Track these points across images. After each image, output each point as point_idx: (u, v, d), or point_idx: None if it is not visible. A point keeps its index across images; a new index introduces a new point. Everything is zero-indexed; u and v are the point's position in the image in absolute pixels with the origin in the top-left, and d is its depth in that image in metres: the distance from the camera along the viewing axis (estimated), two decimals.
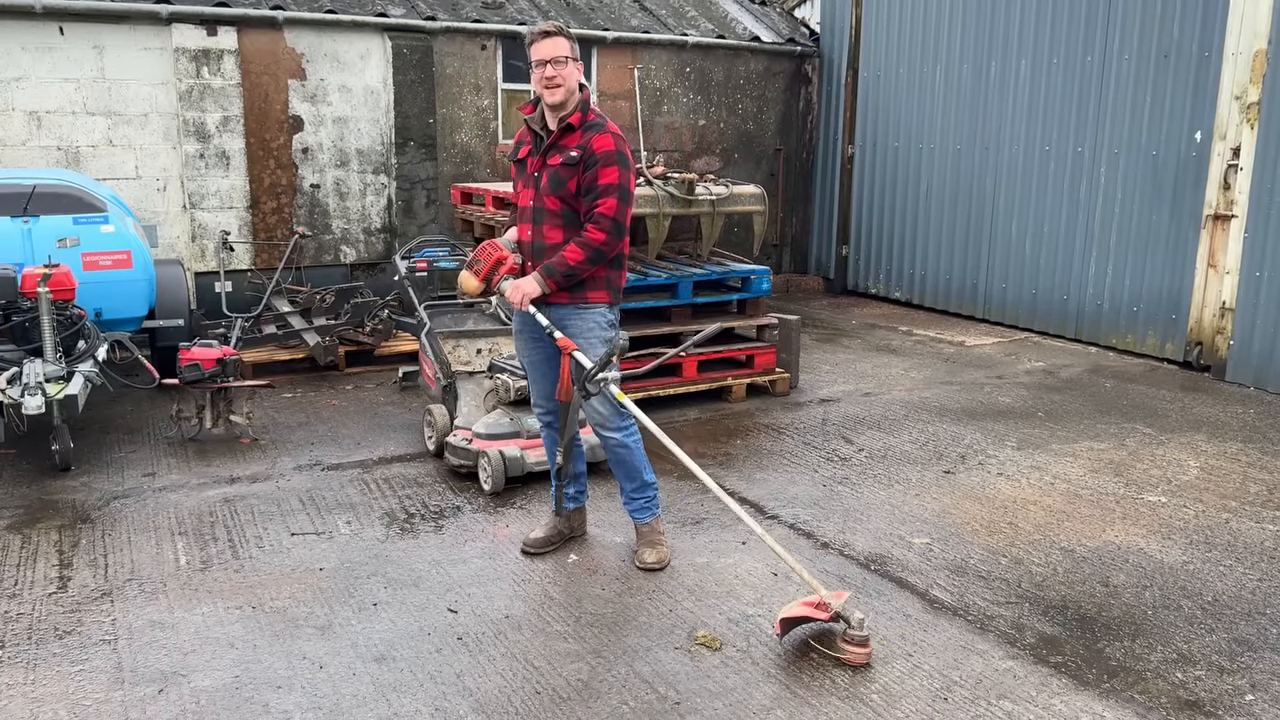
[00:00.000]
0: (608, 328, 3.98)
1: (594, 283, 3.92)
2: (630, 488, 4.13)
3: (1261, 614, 3.81)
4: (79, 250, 5.88)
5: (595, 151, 3.80)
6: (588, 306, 3.94)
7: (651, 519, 4.16)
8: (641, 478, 4.10)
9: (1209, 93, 7.35)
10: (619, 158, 3.81)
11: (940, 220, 9.71)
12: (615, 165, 3.79)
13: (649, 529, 4.15)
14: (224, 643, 3.50)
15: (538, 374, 4.15)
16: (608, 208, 3.80)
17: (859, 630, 3.36)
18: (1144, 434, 6.00)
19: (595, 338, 3.92)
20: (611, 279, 3.97)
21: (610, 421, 3.99)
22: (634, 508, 4.16)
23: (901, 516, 4.71)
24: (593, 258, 3.83)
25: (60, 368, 5.17)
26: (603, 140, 3.81)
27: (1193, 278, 7.58)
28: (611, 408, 3.95)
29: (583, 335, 3.92)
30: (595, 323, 3.94)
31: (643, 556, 4.12)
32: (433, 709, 3.12)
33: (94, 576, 4.00)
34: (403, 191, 8.85)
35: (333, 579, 4.00)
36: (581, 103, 3.87)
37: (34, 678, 3.27)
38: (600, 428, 4.03)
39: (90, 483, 5.03)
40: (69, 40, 7.61)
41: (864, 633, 3.37)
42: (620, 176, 3.81)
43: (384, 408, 6.41)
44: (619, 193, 3.80)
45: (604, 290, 3.96)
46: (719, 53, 10.38)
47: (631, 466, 4.08)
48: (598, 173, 3.79)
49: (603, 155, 3.79)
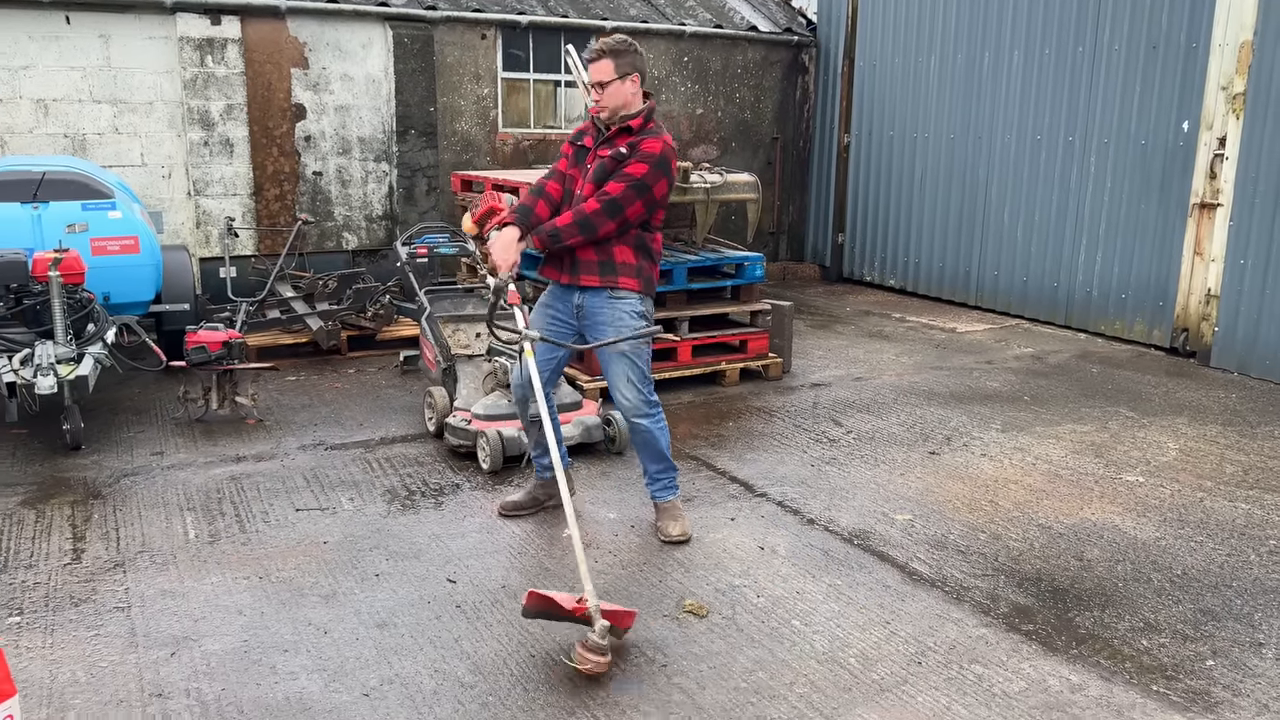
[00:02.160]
0: (636, 317, 4.07)
1: (626, 269, 4.04)
2: (655, 469, 4.32)
3: (1228, 586, 3.96)
4: (88, 235, 6.02)
5: (640, 150, 3.97)
6: (618, 294, 4.05)
7: (673, 498, 4.37)
8: (666, 459, 4.30)
9: (1196, 83, 7.48)
10: (657, 160, 3.95)
11: (934, 209, 9.84)
12: (647, 164, 3.95)
13: (670, 506, 4.36)
14: (233, 610, 3.66)
15: (542, 346, 4.26)
16: (614, 189, 3.96)
17: (599, 638, 3.21)
18: (1126, 417, 6.15)
19: (625, 327, 4.04)
20: (643, 269, 4.09)
21: (639, 409, 4.16)
22: (657, 488, 4.36)
23: (886, 494, 4.86)
24: (581, 225, 3.96)
25: (70, 349, 5.31)
26: (651, 144, 3.98)
27: (1179, 265, 7.72)
28: (641, 395, 4.13)
29: (610, 323, 4.05)
30: (624, 311, 4.05)
31: (667, 529, 4.30)
32: (432, 670, 3.28)
33: (106, 549, 4.16)
34: (404, 179, 8.99)
35: (337, 551, 4.16)
36: (646, 110, 4.06)
37: (52, 641, 3.43)
38: (630, 415, 4.18)
39: (101, 461, 5.19)
40: (75, 29, 7.74)
41: (603, 642, 3.21)
42: (647, 175, 3.95)
43: (385, 390, 6.56)
44: (635, 184, 3.94)
45: (635, 279, 4.07)
46: (716, 42, 10.50)
47: (657, 450, 4.27)
48: (628, 163, 3.97)
49: (644, 154, 3.96)
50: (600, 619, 3.24)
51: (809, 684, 3.23)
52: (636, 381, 4.12)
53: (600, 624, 3.23)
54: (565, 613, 3.30)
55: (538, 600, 3.31)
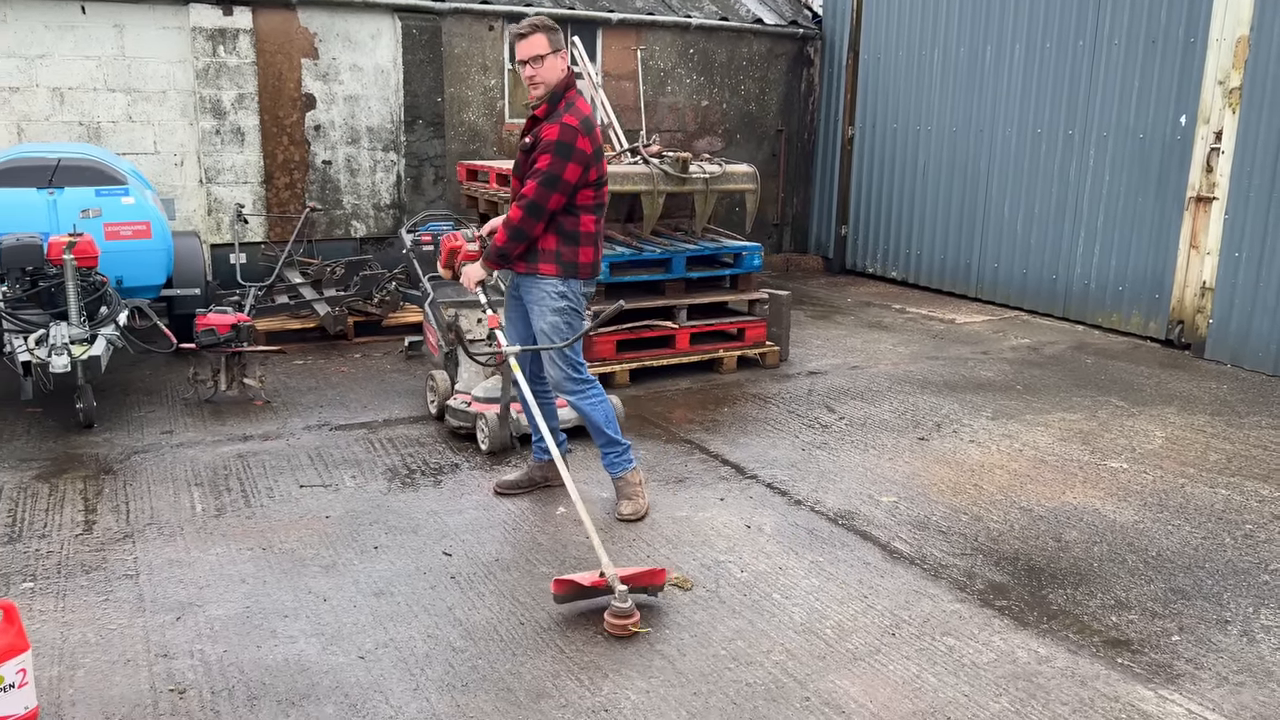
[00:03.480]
0: (557, 299, 4.25)
1: (545, 255, 4.22)
2: (599, 443, 4.46)
3: (1200, 568, 4.08)
4: (101, 221, 6.18)
5: (541, 138, 4.12)
6: (539, 278, 4.26)
7: (624, 473, 4.46)
8: (606, 435, 4.41)
9: (1194, 77, 7.55)
10: (558, 147, 4.07)
11: (936, 201, 9.94)
12: (552, 154, 4.07)
13: (623, 483, 4.46)
14: (236, 579, 3.82)
15: (513, 331, 4.47)
16: (529, 189, 4.12)
17: (621, 603, 3.44)
18: (1116, 406, 6.25)
19: (546, 307, 4.25)
20: (563, 254, 4.22)
21: (564, 385, 4.35)
22: (606, 463, 4.49)
23: (873, 478, 4.99)
24: (513, 234, 4.16)
25: (84, 331, 5.47)
26: (550, 130, 4.10)
27: (1175, 258, 7.81)
28: (564, 373, 4.31)
29: (536, 304, 4.28)
30: (546, 293, 4.25)
31: (619, 509, 4.44)
32: (425, 635, 3.43)
33: (116, 521, 4.33)
34: (411, 168, 9.13)
35: (338, 525, 4.32)
36: (551, 94, 4.16)
37: (64, 605, 3.59)
38: (559, 390, 4.39)
39: (112, 439, 5.35)
40: (90, 19, 7.90)
41: (626, 605, 3.44)
42: (552, 165, 4.07)
43: (390, 374, 6.72)
44: (544, 178, 4.08)
45: (553, 264, 4.23)
46: (722, 34, 10.60)
47: (593, 425, 4.40)
48: (536, 158, 4.12)
49: (544, 143, 4.10)
50: (619, 585, 3.47)
51: (785, 652, 3.36)
52: (558, 360, 4.30)
53: (620, 589, 3.46)
54: (589, 589, 3.54)
55: (564, 585, 3.54)
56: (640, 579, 3.59)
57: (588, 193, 4.21)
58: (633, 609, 3.45)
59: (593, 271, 4.33)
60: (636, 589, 3.56)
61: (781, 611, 3.63)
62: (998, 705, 3.09)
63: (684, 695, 3.12)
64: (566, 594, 3.57)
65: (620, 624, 3.43)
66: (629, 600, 3.46)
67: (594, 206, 4.26)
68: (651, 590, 3.64)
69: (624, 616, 3.43)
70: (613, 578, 3.50)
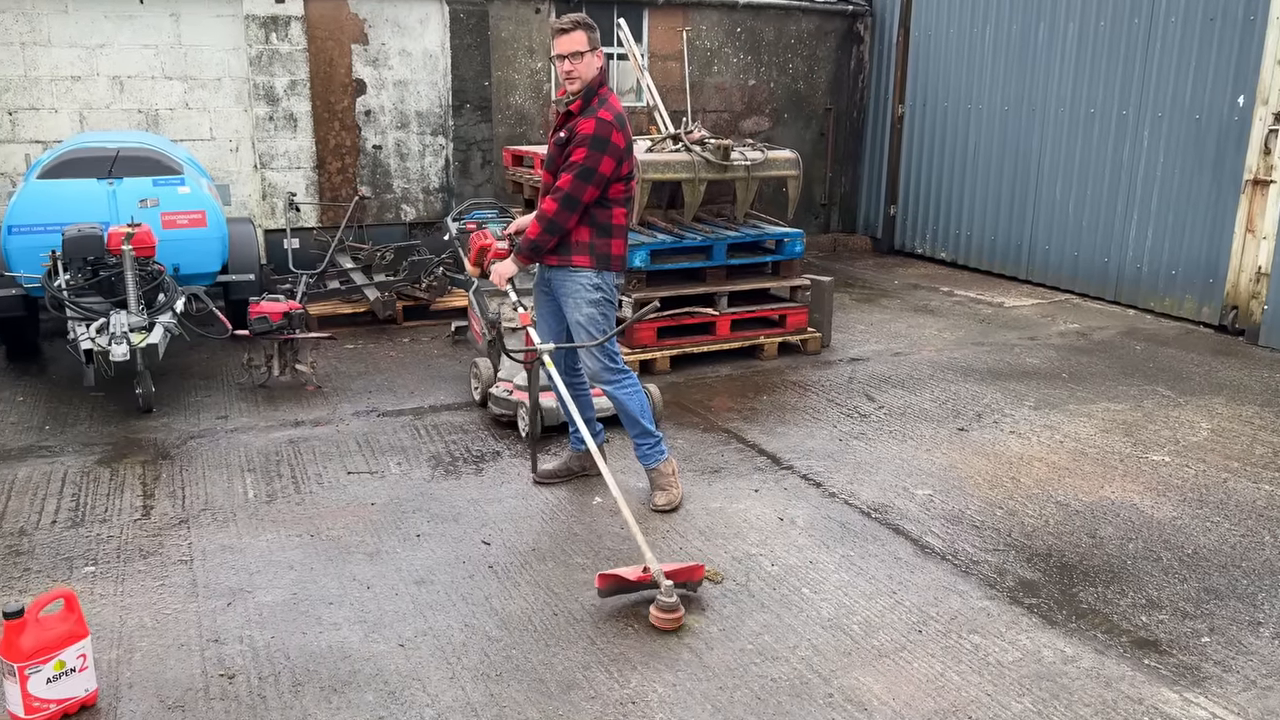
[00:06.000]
0: (592, 290, 4.34)
1: (578, 247, 4.30)
2: (633, 433, 4.53)
3: (1237, 566, 4.05)
4: (158, 210, 6.37)
5: (576, 133, 4.18)
6: (573, 270, 4.34)
7: (658, 464, 4.53)
8: (640, 425, 4.48)
9: (1253, 57, 7.35)
10: (594, 141, 4.14)
11: (986, 181, 9.81)
12: (587, 147, 4.14)
13: (656, 473, 4.54)
14: (285, 565, 3.98)
15: (544, 325, 4.55)
16: (564, 182, 4.19)
17: (667, 598, 3.53)
18: (1163, 396, 6.18)
19: (581, 299, 4.34)
20: (596, 246, 4.30)
21: (601, 375, 4.44)
22: (639, 454, 4.56)
23: (910, 470, 5.01)
24: (547, 228, 4.23)
25: (143, 318, 5.67)
26: (586, 124, 4.17)
27: (1230, 242, 7.64)
28: (601, 364, 4.39)
29: (570, 296, 4.36)
30: (581, 285, 4.34)
31: (654, 500, 4.52)
32: (463, 624, 3.56)
33: (173, 506, 4.52)
34: (459, 152, 9.24)
35: (382, 513, 4.46)
36: (586, 90, 4.22)
37: (122, 590, 3.78)
38: (595, 380, 4.49)
39: (170, 423, 5.56)
40: (148, 8, 8.10)
41: (671, 600, 3.53)
42: (588, 158, 4.15)
43: (437, 360, 6.86)
44: (580, 170, 4.15)
45: (587, 255, 4.32)
46: (770, 12, 10.52)
47: (628, 415, 4.48)
48: (571, 152, 4.19)
49: (580, 137, 4.16)
50: (665, 580, 3.56)
51: (811, 648, 3.43)
52: (595, 350, 4.37)
53: (665, 584, 3.55)
54: (633, 583, 3.64)
55: (608, 579, 3.65)
56: (680, 575, 3.68)
57: (619, 186, 4.30)
58: (678, 603, 3.55)
59: (622, 264, 4.43)
60: (677, 585, 3.65)
61: (810, 606, 3.69)
62: (1020, 705, 3.13)
63: (710, 689, 3.20)
64: (610, 588, 3.68)
65: (668, 618, 3.52)
66: (674, 595, 3.55)
67: (625, 199, 4.35)
68: (690, 586, 3.73)
69: (670, 611, 3.53)
70: (658, 573, 3.60)
